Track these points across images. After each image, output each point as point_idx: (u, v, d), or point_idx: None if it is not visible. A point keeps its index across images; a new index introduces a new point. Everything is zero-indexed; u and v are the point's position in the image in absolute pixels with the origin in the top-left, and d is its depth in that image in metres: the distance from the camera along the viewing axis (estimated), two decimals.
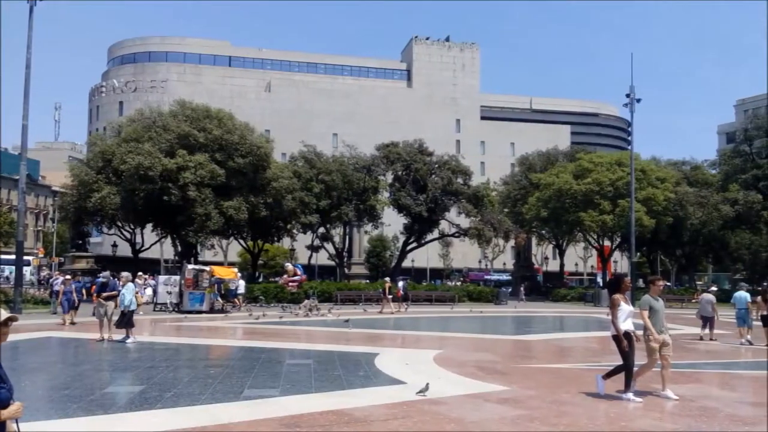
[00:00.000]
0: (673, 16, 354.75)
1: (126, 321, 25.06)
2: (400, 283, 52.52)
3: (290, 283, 56.31)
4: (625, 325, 14.50)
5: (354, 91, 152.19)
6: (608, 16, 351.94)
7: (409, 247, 79.96)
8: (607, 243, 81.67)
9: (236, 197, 57.30)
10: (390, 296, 47.48)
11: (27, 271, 67.27)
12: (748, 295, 30.04)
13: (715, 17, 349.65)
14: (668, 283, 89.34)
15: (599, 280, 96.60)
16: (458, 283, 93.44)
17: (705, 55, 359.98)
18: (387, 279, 51.44)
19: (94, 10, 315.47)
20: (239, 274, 50.85)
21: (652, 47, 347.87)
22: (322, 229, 75.40)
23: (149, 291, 49.08)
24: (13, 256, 51.74)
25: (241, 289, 49.56)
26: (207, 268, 46.37)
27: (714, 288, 40.01)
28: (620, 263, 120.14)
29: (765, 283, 78.52)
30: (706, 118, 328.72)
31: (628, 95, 60.71)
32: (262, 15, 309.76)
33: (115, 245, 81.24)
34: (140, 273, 46.27)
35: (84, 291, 37.44)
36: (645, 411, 13.35)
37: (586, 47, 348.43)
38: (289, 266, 60.09)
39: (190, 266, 46.41)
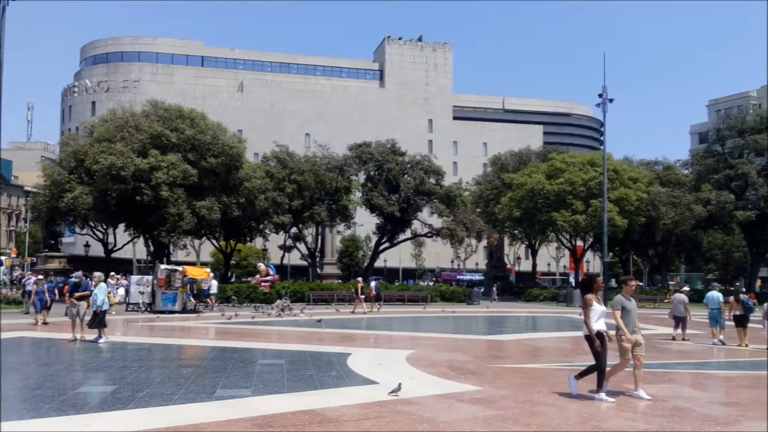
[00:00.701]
0: (646, 16, 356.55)
1: (98, 321, 24.97)
2: (373, 283, 52.61)
3: (263, 283, 56.30)
4: (598, 325, 14.54)
5: (326, 91, 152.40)
6: (581, 16, 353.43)
7: (381, 247, 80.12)
8: (579, 243, 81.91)
9: (209, 197, 57.32)
10: (362, 296, 47.38)
11: None
12: (720, 295, 30.13)
13: (688, 17, 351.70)
14: (641, 283, 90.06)
15: (572, 280, 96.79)
16: (431, 283, 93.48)
17: (678, 56, 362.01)
18: (359, 279, 51.48)
19: (67, 9, 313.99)
20: (212, 274, 50.75)
21: (624, 47, 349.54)
22: (294, 229, 75.47)
23: (122, 291, 48.89)
24: None
25: (214, 289, 49.40)
26: (179, 268, 46.22)
27: (686, 288, 40.08)
28: (593, 263, 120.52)
29: (737, 283, 79.12)
30: (678, 119, 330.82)
31: (600, 95, 60.73)
32: (235, 15, 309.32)
33: (87, 245, 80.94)
34: (113, 273, 46.27)
35: (56, 291, 37.30)
36: (617, 411, 13.40)
37: (558, 47, 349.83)
38: (261, 266, 60.10)
39: (163, 266, 46.26)
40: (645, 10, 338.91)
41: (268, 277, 57.20)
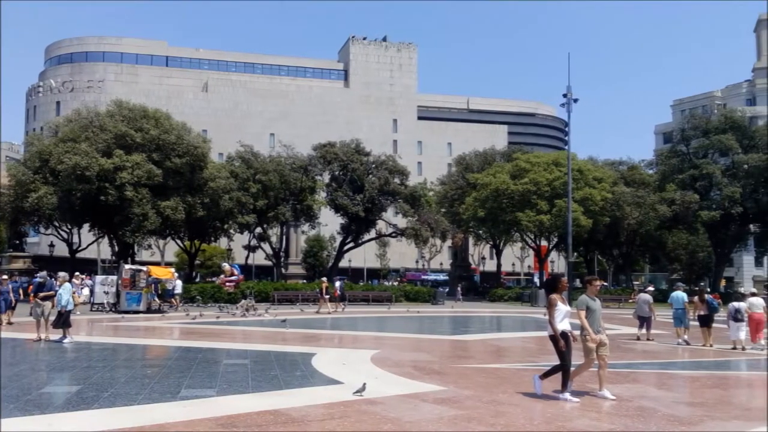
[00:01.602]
0: (611, 17, 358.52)
1: (63, 321, 24.91)
2: (337, 283, 52.77)
3: (227, 283, 56.38)
4: (562, 325, 14.61)
5: (291, 91, 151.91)
6: (546, 16, 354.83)
7: (346, 247, 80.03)
8: (544, 243, 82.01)
9: (173, 197, 57.02)
10: (327, 296, 47.49)
11: None
12: (685, 295, 30.32)
13: (652, 17, 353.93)
14: (605, 283, 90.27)
15: (536, 280, 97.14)
16: (395, 283, 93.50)
17: (642, 56, 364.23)
18: (324, 279, 51.64)
19: (31, 9, 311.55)
20: (176, 274, 50.73)
21: (589, 47, 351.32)
22: (259, 229, 75.42)
23: (86, 291, 48.73)
24: None
25: (178, 289, 49.36)
26: (144, 268, 46.16)
27: (651, 288, 40.30)
28: (557, 263, 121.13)
29: (702, 283, 79.53)
30: (643, 119, 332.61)
31: (565, 95, 60.78)
32: (200, 15, 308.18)
33: (52, 245, 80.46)
34: (77, 273, 46.07)
35: (21, 291, 37.15)
36: (582, 411, 13.48)
37: (523, 47, 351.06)
38: (226, 266, 60.15)
39: (127, 266, 46.21)
40: (610, 11, 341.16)
41: (233, 277, 57.30)
